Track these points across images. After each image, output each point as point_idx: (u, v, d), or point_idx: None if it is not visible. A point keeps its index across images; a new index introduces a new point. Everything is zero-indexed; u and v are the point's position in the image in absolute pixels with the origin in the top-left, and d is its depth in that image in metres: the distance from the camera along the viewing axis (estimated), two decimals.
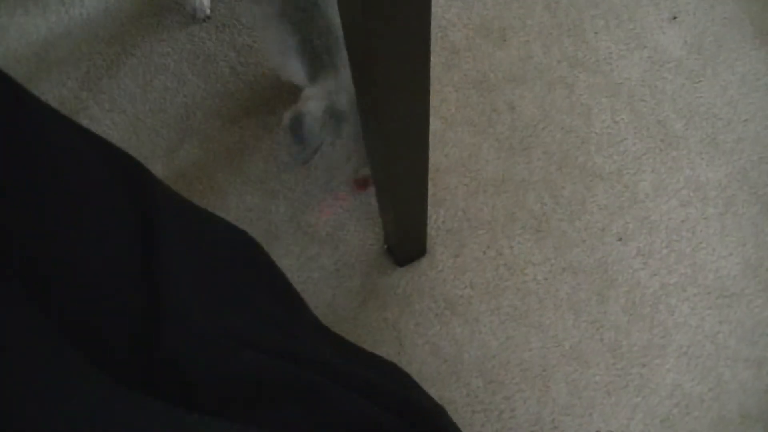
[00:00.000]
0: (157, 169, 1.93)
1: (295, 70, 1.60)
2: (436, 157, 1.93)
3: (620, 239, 1.90)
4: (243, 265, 1.10)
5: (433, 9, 2.06)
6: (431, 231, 1.84)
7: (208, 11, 2.06)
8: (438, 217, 1.90)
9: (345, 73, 1.50)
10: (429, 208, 1.67)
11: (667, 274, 1.87)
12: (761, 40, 2.09)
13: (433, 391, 1.73)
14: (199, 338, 0.81)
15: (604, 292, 1.85)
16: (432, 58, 1.86)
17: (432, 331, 1.81)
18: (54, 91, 2.01)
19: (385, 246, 1.86)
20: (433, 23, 2.05)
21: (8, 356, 0.55)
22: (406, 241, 1.79)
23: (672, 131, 2.00)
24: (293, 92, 1.98)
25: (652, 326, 1.83)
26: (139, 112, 2.00)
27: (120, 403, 0.62)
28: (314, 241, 1.88)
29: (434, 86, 1.99)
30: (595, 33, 2.08)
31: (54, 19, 2.09)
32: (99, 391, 0.62)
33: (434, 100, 1.99)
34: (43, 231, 0.65)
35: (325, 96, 1.50)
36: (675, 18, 2.10)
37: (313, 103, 1.49)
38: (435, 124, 1.96)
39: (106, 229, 0.74)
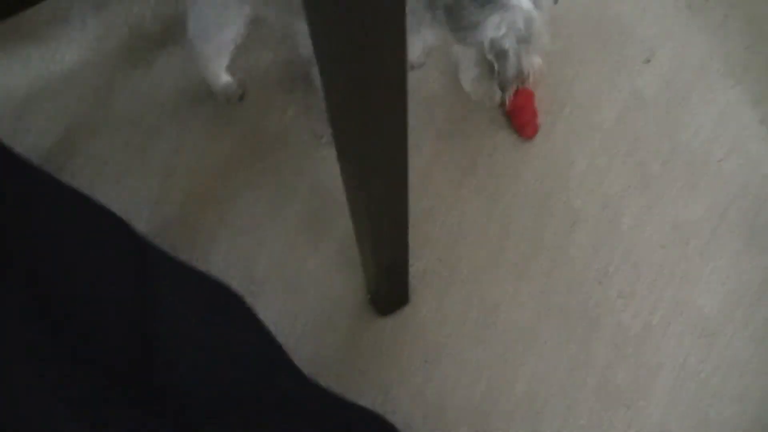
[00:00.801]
0: (141, 221, 1.92)
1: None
2: (415, 205, 1.94)
3: (601, 281, 1.91)
4: (225, 320, 1.11)
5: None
6: (413, 279, 1.85)
7: (240, 90, 2.07)
8: (420, 265, 1.91)
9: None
10: (410, 255, 1.68)
11: (649, 315, 1.89)
12: (734, 80, 2.12)
13: None
14: (185, 395, 0.82)
15: (588, 335, 1.86)
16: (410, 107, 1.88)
17: (416, 379, 1.81)
18: (36, 147, 2.01)
19: (368, 296, 1.87)
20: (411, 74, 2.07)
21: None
22: (388, 291, 1.80)
23: (650, 172, 2.02)
24: (279, 141, 2.00)
25: (636, 367, 1.84)
26: (121, 166, 2.00)
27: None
28: (297, 292, 1.88)
29: (411, 137, 2.01)
30: (571, 78, 2.10)
31: (36, 73, 2.10)
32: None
33: (412, 150, 2.00)
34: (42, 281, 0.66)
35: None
36: (649, 61, 2.13)
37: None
38: (413, 172, 1.96)
39: (98, 278, 0.76)
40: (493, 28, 1.66)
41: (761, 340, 1.87)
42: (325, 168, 1.97)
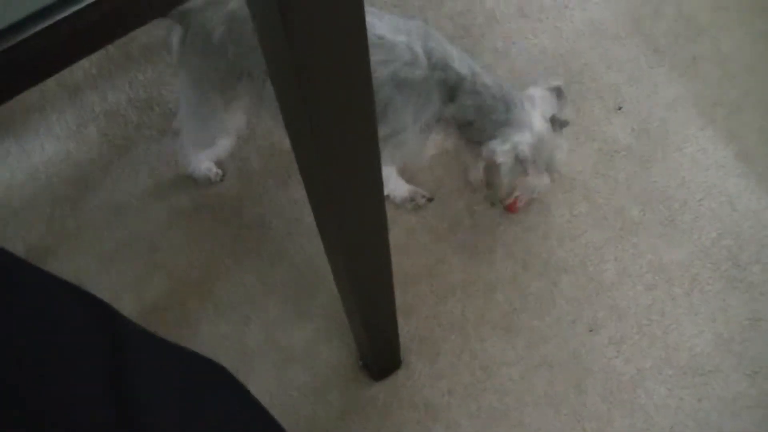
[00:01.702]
0: (128, 303, 1.94)
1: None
2: (401, 266, 1.96)
3: (591, 330, 1.92)
4: (212, 397, 1.11)
5: None
6: (404, 341, 1.86)
7: (219, 172, 2.09)
8: (410, 327, 1.91)
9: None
10: (400, 317, 1.69)
11: (642, 359, 1.89)
12: (705, 120, 2.15)
13: None
14: None
15: (581, 383, 1.86)
16: None
17: None
18: (20, 237, 2.03)
19: (360, 362, 1.87)
20: None
21: None
22: (380, 356, 1.80)
23: (630, 218, 2.04)
24: (261, 215, 2.02)
25: (633, 411, 1.84)
26: (106, 249, 2.02)
27: None
28: (290, 361, 1.89)
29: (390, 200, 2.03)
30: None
31: (16, 165, 2.12)
32: None
33: (394, 213, 2.02)
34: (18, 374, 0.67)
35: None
36: (620, 108, 2.16)
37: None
38: (397, 235, 1.99)
39: (76, 370, 0.76)
40: (497, 143, 1.77)
41: (754, 375, 1.87)
42: (309, 239, 1.99)
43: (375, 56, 1.66)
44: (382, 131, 1.71)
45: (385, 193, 1.97)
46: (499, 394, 1.86)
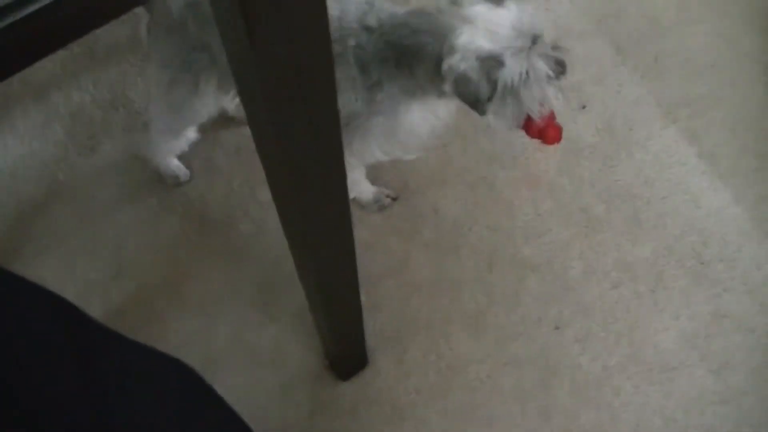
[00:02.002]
0: (95, 304, 1.92)
1: None
2: (367, 266, 1.95)
3: (557, 327, 1.93)
4: (180, 398, 1.10)
5: None
6: (370, 340, 1.86)
7: (188, 171, 2.08)
8: (376, 325, 1.91)
9: None
10: (366, 316, 1.69)
11: (608, 356, 1.90)
12: (669, 118, 2.17)
13: None
14: None
15: (548, 381, 1.87)
16: None
17: None
18: None
19: (327, 362, 1.87)
20: None
21: None
22: (346, 355, 1.80)
23: (595, 216, 2.05)
24: (227, 216, 2.01)
25: (599, 408, 1.85)
26: (71, 250, 2.00)
27: None
28: (256, 363, 1.88)
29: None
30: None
31: None
32: None
33: (358, 211, 2.02)
34: None
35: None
36: (584, 107, 2.17)
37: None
38: (362, 234, 1.99)
39: (44, 372, 0.75)
40: (449, 58, 1.53)
41: (719, 370, 1.89)
42: (275, 239, 1.98)
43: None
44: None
45: (352, 196, 1.95)
46: (466, 393, 1.86)
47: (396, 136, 1.73)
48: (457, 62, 1.50)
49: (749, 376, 1.89)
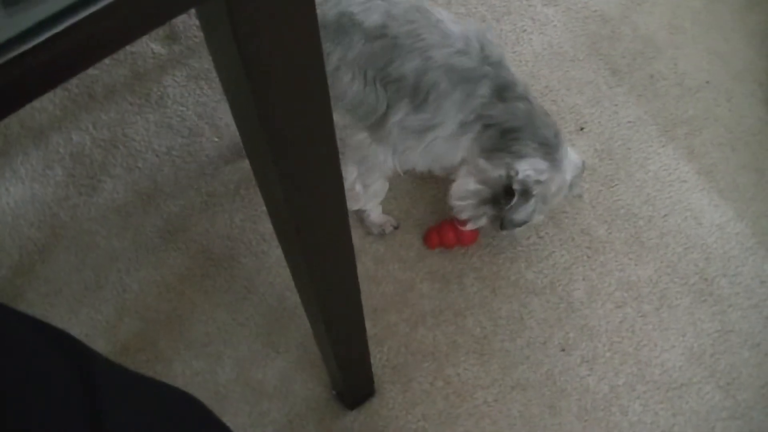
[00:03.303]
0: (100, 345, 1.93)
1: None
2: (371, 296, 1.96)
3: (563, 350, 1.93)
4: (189, 428, 1.10)
5: None
6: (377, 369, 1.86)
7: (396, 222, 2.09)
8: (382, 355, 1.91)
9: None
10: (372, 346, 1.69)
11: (615, 377, 1.90)
12: (666, 137, 2.18)
13: None
14: None
15: (556, 404, 1.87)
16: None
17: None
18: None
19: (334, 392, 1.87)
20: None
21: None
22: (353, 385, 1.80)
23: (596, 237, 2.06)
24: (231, 250, 2.01)
25: (608, 429, 1.85)
26: (75, 291, 2.00)
27: None
28: (263, 396, 1.88)
29: (358, 229, 2.04)
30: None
31: None
32: None
33: (361, 240, 2.03)
34: None
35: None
36: (582, 129, 2.18)
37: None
38: (366, 264, 2.00)
39: (51, 412, 0.75)
40: (535, 170, 1.76)
41: (727, 386, 1.89)
42: (279, 273, 1.99)
43: (431, 37, 1.68)
44: (420, 119, 1.72)
45: (362, 207, 1.97)
46: (474, 418, 1.86)
47: (448, 156, 1.86)
48: (527, 175, 1.75)
49: (758, 391, 1.89)
